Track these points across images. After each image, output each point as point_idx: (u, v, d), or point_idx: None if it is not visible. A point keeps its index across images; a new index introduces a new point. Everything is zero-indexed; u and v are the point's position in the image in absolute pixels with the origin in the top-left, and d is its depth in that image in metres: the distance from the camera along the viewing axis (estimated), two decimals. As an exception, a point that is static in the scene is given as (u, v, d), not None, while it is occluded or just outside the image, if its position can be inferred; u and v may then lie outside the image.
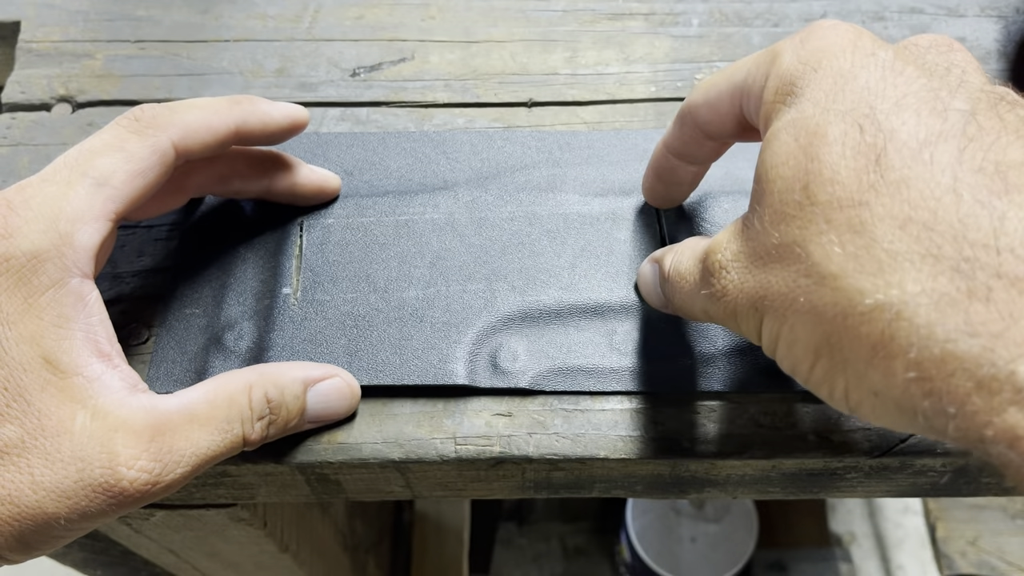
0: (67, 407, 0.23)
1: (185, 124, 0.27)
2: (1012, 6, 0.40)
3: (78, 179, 0.25)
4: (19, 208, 0.24)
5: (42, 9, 0.40)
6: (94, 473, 0.23)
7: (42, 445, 0.23)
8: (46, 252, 0.24)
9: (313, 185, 0.33)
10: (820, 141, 0.20)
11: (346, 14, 0.40)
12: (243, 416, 0.26)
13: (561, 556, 1.10)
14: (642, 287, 0.31)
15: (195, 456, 0.25)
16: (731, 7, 0.40)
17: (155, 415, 0.24)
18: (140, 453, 0.23)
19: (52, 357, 0.23)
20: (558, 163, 0.35)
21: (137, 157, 0.26)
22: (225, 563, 0.48)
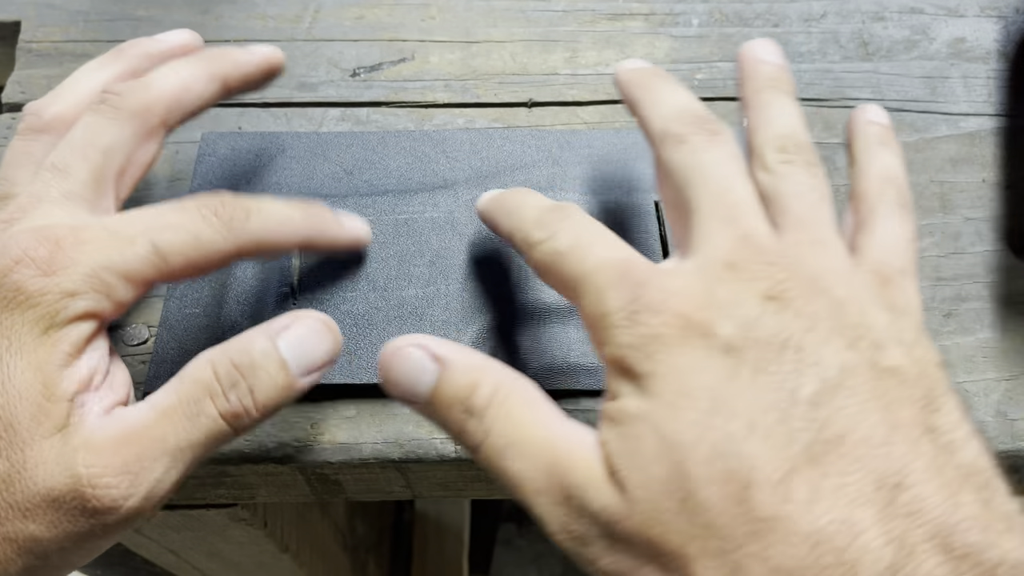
0: (48, 437, 0.23)
1: (256, 235, 0.27)
2: (1012, 6, 0.40)
3: (141, 244, 0.24)
4: (69, 249, 0.24)
5: (42, 9, 0.41)
6: (65, 497, 0.23)
7: (23, 477, 0.23)
8: (83, 295, 0.24)
9: (262, 70, 0.31)
10: (688, 458, 0.20)
11: (346, 14, 0.40)
12: (211, 391, 0.24)
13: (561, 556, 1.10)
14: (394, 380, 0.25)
15: (165, 453, 0.24)
16: (731, 7, 0.40)
17: (120, 426, 0.23)
18: (103, 470, 0.23)
19: (51, 382, 0.23)
20: (558, 162, 0.36)
21: (205, 251, 0.25)
22: (225, 563, 0.48)
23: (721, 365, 0.21)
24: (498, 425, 0.23)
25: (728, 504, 0.20)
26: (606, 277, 0.23)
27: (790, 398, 0.21)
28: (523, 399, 0.23)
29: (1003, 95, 0.38)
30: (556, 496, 0.22)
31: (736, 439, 0.20)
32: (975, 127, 0.37)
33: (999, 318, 0.33)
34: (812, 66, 0.38)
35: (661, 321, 0.22)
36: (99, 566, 0.49)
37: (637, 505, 0.21)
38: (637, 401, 0.22)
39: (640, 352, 0.22)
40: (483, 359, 0.24)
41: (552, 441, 0.22)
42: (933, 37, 0.39)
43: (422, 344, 0.24)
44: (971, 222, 0.35)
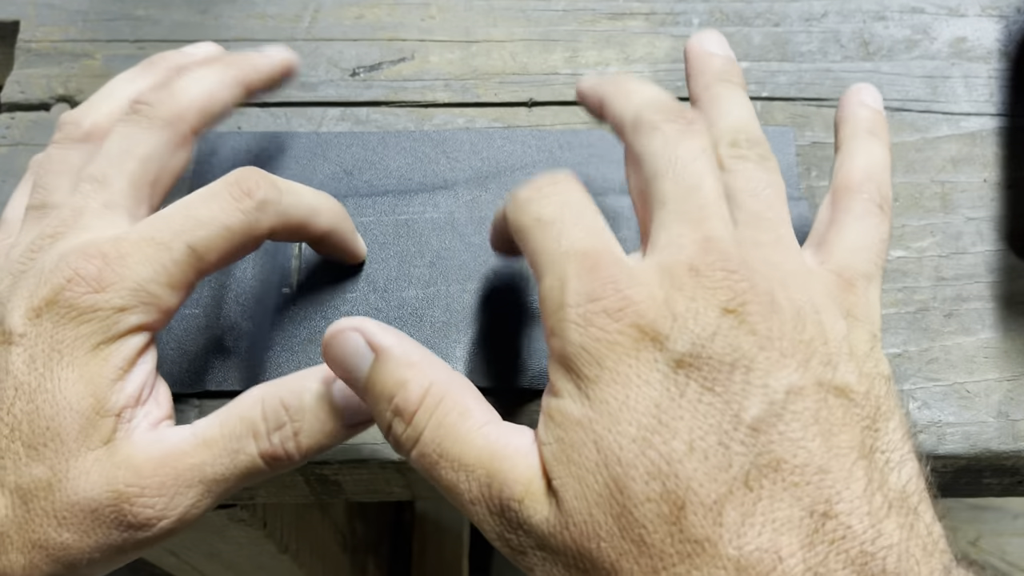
0: (95, 451, 0.23)
1: (289, 216, 0.27)
2: (1013, 6, 0.40)
3: (176, 246, 0.25)
4: (115, 263, 0.24)
5: (42, 9, 0.40)
6: (104, 512, 0.23)
7: (64, 487, 0.23)
8: (132, 308, 0.24)
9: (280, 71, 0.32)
10: (626, 474, 0.20)
11: (346, 14, 0.40)
12: (255, 431, 0.24)
13: (561, 556, 1.09)
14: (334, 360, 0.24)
15: (200, 482, 0.24)
16: (731, 7, 0.40)
17: (162, 448, 0.24)
18: (142, 490, 0.23)
19: (102, 396, 0.24)
20: (558, 162, 0.35)
21: (238, 240, 0.26)
22: (225, 564, 0.48)
23: (669, 381, 0.21)
24: (428, 434, 0.22)
25: (662, 523, 0.20)
26: (573, 266, 0.23)
27: (733, 420, 0.20)
28: (457, 406, 0.23)
29: (1004, 95, 0.38)
30: (492, 507, 0.22)
31: (674, 459, 0.20)
32: (976, 127, 0.37)
33: (1000, 318, 0.33)
34: (812, 66, 0.38)
35: (617, 328, 0.21)
36: (98, 567, 0.49)
37: (572, 517, 0.21)
38: (579, 406, 0.21)
39: (590, 355, 0.21)
40: (420, 354, 0.24)
41: (488, 452, 0.22)
42: (934, 37, 0.39)
43: (361, 328, 0.24)
44: (972, 222, 0.35)
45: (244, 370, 0.31)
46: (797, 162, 0.36)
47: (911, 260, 0.34)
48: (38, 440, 0.23)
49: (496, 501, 0.22)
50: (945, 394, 0.31)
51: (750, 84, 0.38)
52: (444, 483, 0.22)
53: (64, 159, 0.29)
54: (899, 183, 0.36)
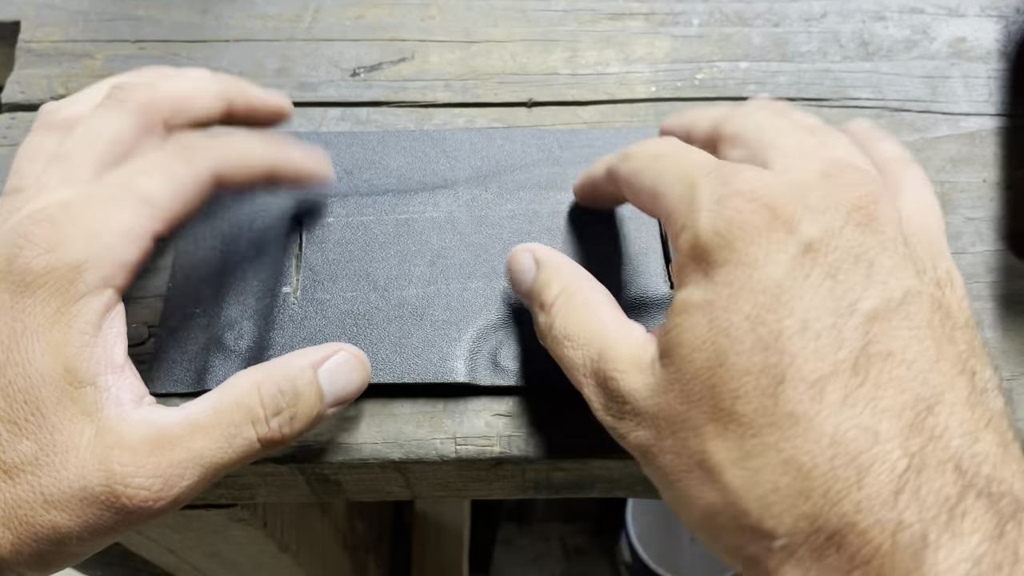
0: (77, 422, 0.23)
1: (224, 157, 0.28)
2: (1012, 6, 0.40)
3: (124, 197, 0.25)
4: (63, 223, 0.24)
5: (42, 9, 0.40)
6: (95, 491, 0.23)
7: (52, 462, 0.23)
8: (87, 263, 0.24)
9: (268, 108, 0.32)
10: (731, 348, 0.21)
11: (346, 14, 0.40)
12: (253, 417, 0.25)
13: (561, 556, 1.10)
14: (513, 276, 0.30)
15: (199, 467, 0.24)
16: (731, 7, 0.40)
17: (155, 429, 0.24)
18: (136, 470, 0.23)
19: (72, 365, 0.23)
20: (558, 161, 0.35)
21: (181, 182, 0.26)
22: (225, 563, 0.48)
23: (795, 263, 0.22)
24: (559, 319, 0.26)
25: (756, 395, 0.21)
26: (700, 168, 0.24)
27: (851, 307, 0.21)
28: (583, 299, 0.26)
29: (1004, 95, 0.38)
30: (598, 379, 0.25)
31: (784, 336, 0.21)
32: (976, 127, 0.37)
33: (1000, 318, 0.33)
34: (812, 66, 0.38)
35: (751, 208, 0.22)
36: (99, 566, 0.49)
37: (672, 384, 0.22)
38: (702, 291, 0.23)
39: (722, 239, 0.22)
40: (566, 263, 0.28)
41: (603, 334, 0.25)
42: (934, 37, 0.39)
43: (532, 248, 0.29)
44: (972, 222, 0.35)
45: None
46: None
47: (910, 260, 0.34)
48: (17, 415, 0.23)
49: (602, 374, 0.24)
50: (944, 394, 0.31)
51: (750, 84, 0.38)
52: (567, 361, 0.26)
53: (39, 144, 0.28)
54: (898, 183, 0.36)
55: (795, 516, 0.20)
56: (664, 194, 0.25)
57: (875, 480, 0.19)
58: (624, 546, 0.99)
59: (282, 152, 0.30)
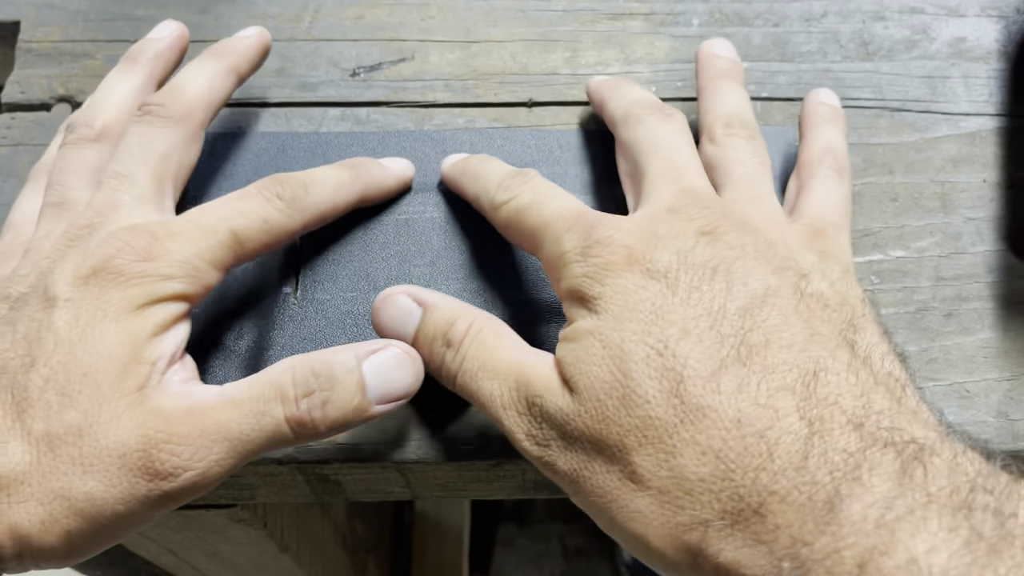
0: (127, 396, 0.24)
1: (318, 207, 0.30)
2: (1012, 6, 0.40)
3: (223, 231, 0.27)
4: (163, 239, 0.26)
5: (42, 9, 0.40)
6: (132, 456, 0.23)
7: (95, 431, 0.23)
8: (178, 278, 0.26)
9: (260, 51, 0.34)
10: (628, 359, 0.23)
11: (346, 14, 0.40)
12: (283, 395, 0.25)
13: (561, 556, 1.10)
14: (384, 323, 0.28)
15: (227, 440, 0.24)
16: (731, 7, 0.40)
17: (190, 400, 0.25)
18: (169, 436, 0.24)
19: (139, 345, 0.25)
20: (558, 162, 0.35)
21: (273, 233, 0.28)
22: (225, 563, 0.48)
23: (660, 286, 0.24)
24: (471, 352, 0.26)
25: (664, 396, 0.23)
26: (563, 223, 0.27)
27: (721, 309, 0.24)
28: (494, 331, 0.27)
29: (1004, 95, 0.38)
30: (521, 407, 0.25)
31: (672, 341, 0.23)
32: (976, 127, 0.37)
33: (1000, 318, 0.33)
34: (812, 66, 0.38)
35: (610, 251, 0.25)
36: (99, 566, 0.49)
37: (584, 404, 0.24)
38: (588, 321, 0.25)
39: (592, 279, 0.25)
40: (460, 303, 0.28)
41: (517, 362, 0.26)
42: (934, 37, 0.39)
43: (406, 291, 0.28)
44: (972, 222, 0.35)
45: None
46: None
47: (911, 260, 0.34)
48: (73, 387, 0.24)
49: (523, 400, 0.25)
50: (945, 394, 0.32)
51: (750, 84, 0.38)
52: (483, 393, 0.26)
53: (80, 158, 0.30)
54: (899, 183, 0.36)
55: (723, 499, 0.21)
56: (537, 248, 0.28)
57: (784, 450, 0.21)
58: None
59: (367, 178, 0.32)
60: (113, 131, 0.31)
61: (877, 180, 0.36)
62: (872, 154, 0.36)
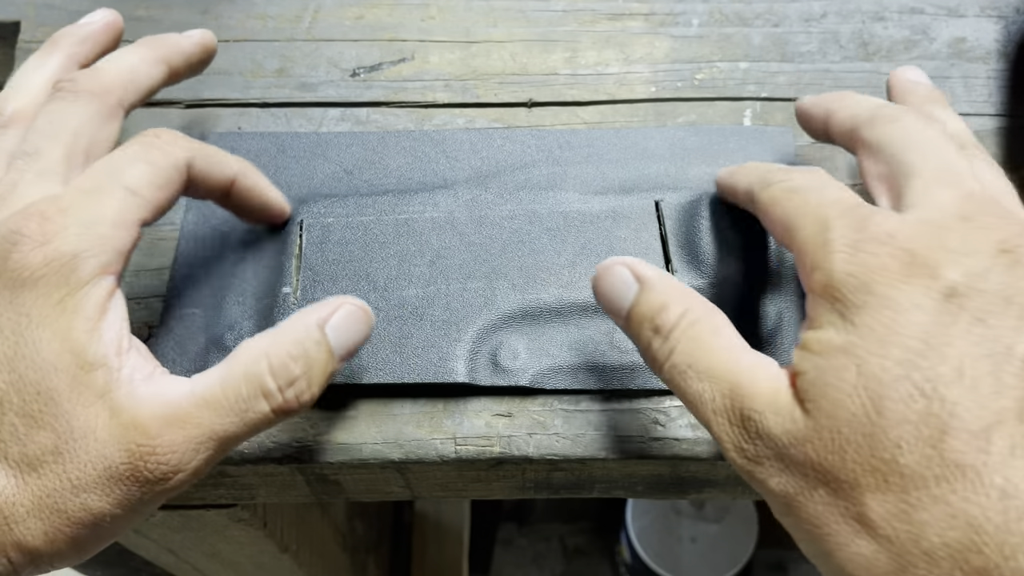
0: (92, 407, 0.23)
1: (196, 149, 0.28)
2: (1012, 6, 0.40)
3: (110, 188, 0.26)
4: (55, 216, 0.25)
5: (42, 9, 0.40)
6: (119, 469, 0.23)
7: (73, 448, 0.23)
8: (85, 252, 0.24)
9: (199, 51, 0.33)
10: (886, 395, 0.21)
11: (346, 14, 0.40)
12: (265, 390, 0.25)
13: (561, 556, 1.10)
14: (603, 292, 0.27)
15: (212, 440, 0.24)
16: (731, 7, 0.40)
17: (166, 405, 0.24)
18: (154, 448, 0.23)
19: (81, 351, 0.24)
20: (558, 161, 0.35)
21: (161, 170, 0.27)
22: (225, 563, 0.48)
23: (940, 308, 0.21)
24: (682, 346, 0.24)
25: (919, 445, 0.20)
26: (836, 209, 0.24)
27: (1006, 353, 0.20)
28: (710, 326, 0.25)
29: (1003, 95, 0.38)
30: (733, 417, 0.23)
31: (942, 382, 0.20)
32: (975, 127, 0.37)
33: (999, 318, 0.33)
34: (812, 66, 0.38)
35: (887, 252, 0.22)
36: (99, 566, 0.49)
37: (820, 432, 0.21)
38: (842, 334, 0.22)
39: (858, 280, 0.22)
40: (681, 286, 0.26)
41: (734, 366, 0.23)
42: (933, 37, 0.39)
43: (628, 263, 0.26)
44: (971, 222, 0.35)
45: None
46: (796, 162, 0.36)
47: (910, 260, 0.34)
48: (31, 408, 0.23)
49: (737, 411, 0.23)
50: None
51: (749, 85, 0.38)
52: (691, 393, 0.24)
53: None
54: (898, 183, 0.36)
55: (965, 572, 0.19)
56: (797, 231, 0.24)
57: None
58: (624, 546, 0.99)
59: (248, 169, 0.31)
60: (25, 115, 0.29)
61: (877, 180, 0.36)
62: (872, 154, 0.36)
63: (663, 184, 0.35)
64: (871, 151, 0.27)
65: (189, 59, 0.32)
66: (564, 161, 0.35)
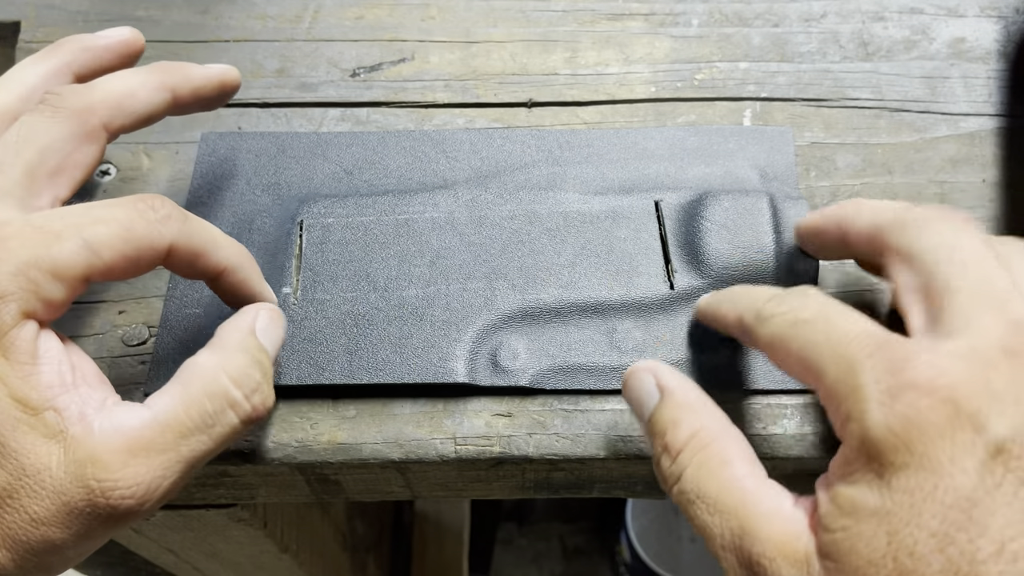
0: (42, 444, 0.23)
1: (189, 237, 0.26)
2: (1012, 6, 0.40)
3: (70, 236, 0.24)
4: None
5: (42, 9, 0.40)
6: (79, 505, 0.23)
7: (27, 484, 0.23)
8: (11, 295, 0.23)
9: (214, 84, 0.31)
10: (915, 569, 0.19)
11: (346, 14, 0.40)
12: (231, 402, 0.25)
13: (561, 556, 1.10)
14: (628, 397, 0.27)
15: (179, 463, 0.24)
16: (731, 7, 0.40)
17: (124, 438, 0.23)
18: (115, 484, 0.23)
19: (21, 396, 0.23)
20: (558, 162, 0.35)
21: (137, 245, 0.25)
22: (225, 563, 0.48)
23: (985, 468, 0.19)
24: (690, 472, 0.23)
25: None
26: (860, 345, 0.22)
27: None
28: (721, 454, 0.23)
29: (1003, 95, 0.38)
30: (740, 558, 0.22)
31: (978, 560, 0.19)
32: (975, 127, 0.37)
33: (999, 318, 0.33)
34: (812, 66, 0.38)
35: (928, 404, 0.20)
36: (99, 566, 0.49)
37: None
38: (877, 496, 0.20)
39: (898, 439, 0.20)
40: (700, 400, 0.25)
41: (743, 503, 0.22)
42: (933, 37, 0.39)
43: (653, 370, 0.26)
44: (971, 222, 0.35)
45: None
46: (796, 162, 0.36)
47: (910, 260, 0.34)
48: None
49: (746, 553, 0.22)
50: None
51: (749, 85, 0.38)
52: (698, 523, 0.23)
53: None
54: (898, 183, 0.36)
55: None
56: (819, 372, 0.22)
57: None
58: (624, 546, 0.99)
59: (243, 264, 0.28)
60: (3, 115, 0.27)
61: (876, 180, 0.36)
62: (871, 154, 0.36)
63: (663, 184, 0.35)
64: (902, 259, 0.24)
65: (198, 91, 0.30)
66: (564, 161, 0.35)
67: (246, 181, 0.35)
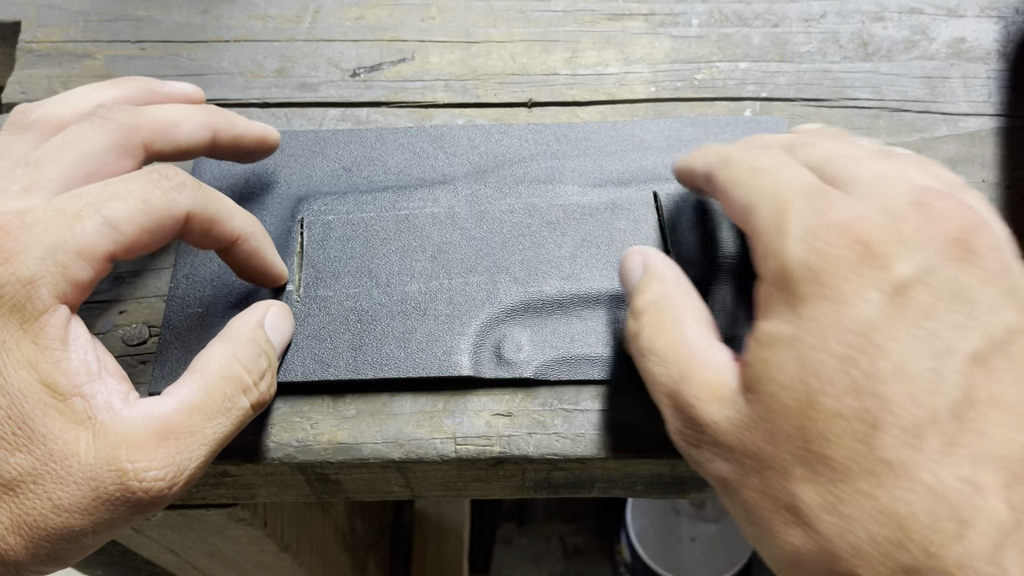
0: (70, 430, 0.23)
1: (205, 205, 0.27)
2: (1012, 6, 0.40)
3: (89, 215, 0.24)
4: (18, 233, 0.24)
5: (42, 9, 0.41)
6: (108, 490, 0.23)
7: (53, 470, 0.23)
8: (41, 279, 0.23)
9: (254, 136, 0.32)
10: (821, 389, 0.21)
11: (346, 14, 0.40)
12: (243, 386, 0.26)
13: (561, 556, 1.10)
14: (621, 278, 0.29)
15: (205, 446, 0.25)
16: (731, 7, 0.40)
17: (155, 421, 0.24)
18: (148, 464, 0.23)
19: (51, 381, 0.23)
20: (556, 155, 0.36)
21: (153, 214, 0.25)
22: (225, 563, 0.48)
23: (889, 301, 0.21)
24: (647, 331, 0.26)
25: (850, 440, 0.20)
26: (796, 191, 0.23)
27: (949, 350, 0.20)
28: (676, 316, 0.26)
29: (1003, 95, 0.38)
30: (677, 402, 0.24)
31: (878, 379, 0.20)
32: (975, 127, 0.37)
33: (999, 318, 0.33)
34: (812, 66, 0.39)
35: (843, 243, 0.21)
36: (99, 566, 0.49)
37: (757, 423, 0.22)
38: (789, 326, 0.22)
39: (810, 271, 0.22)
40: (673, 275, 0.27)
41: (687, 355, 0.24)
42: (933, 37, 0.39)
43: (643, 253, 0.28)
44: (971, 222, 0.35)
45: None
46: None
47: (910, 260, 0.34)
48: (3, 431, 0.23)
49: (680, 396, 0.24)
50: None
51: (749, 85, 0.38)
52: (648, 375, 0.25)
53: (6, 144, 0.28)
54: (898, 183, 0.36)
55: (890, 567, 0.19)
56: (754, 213, 0.24)
57: (977, 534, 0.18)
58: (624, 546, 0.99)
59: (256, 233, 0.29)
60: (51, 123, 0.28)
61: (876, 180, 0.36)
62: (871, 154, 0.36)
63: (661, 175, 0.35)
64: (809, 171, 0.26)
65: (238, 140, 0.31)
66: (562, 154, 0.36)
67: (246, 180, 0.35)
